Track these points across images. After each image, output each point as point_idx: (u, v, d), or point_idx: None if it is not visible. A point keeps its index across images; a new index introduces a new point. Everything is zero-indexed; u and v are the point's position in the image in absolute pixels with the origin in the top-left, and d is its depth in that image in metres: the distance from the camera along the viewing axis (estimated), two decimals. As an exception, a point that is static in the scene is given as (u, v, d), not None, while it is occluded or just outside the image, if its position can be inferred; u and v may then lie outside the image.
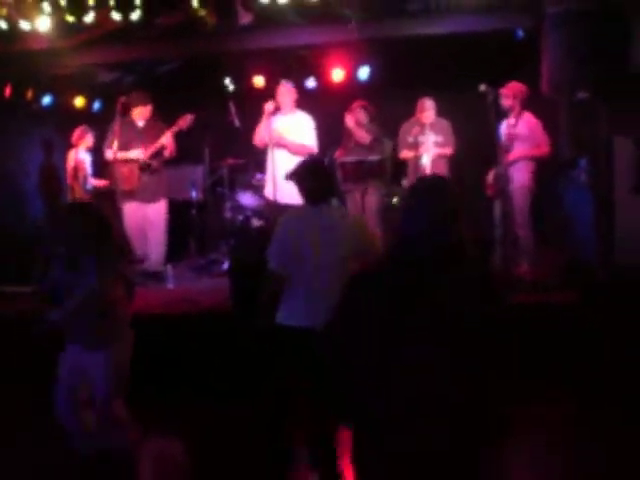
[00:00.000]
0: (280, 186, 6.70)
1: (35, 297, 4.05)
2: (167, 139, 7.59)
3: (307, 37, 7.12)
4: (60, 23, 6.46)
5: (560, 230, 7.51)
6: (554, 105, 7.29)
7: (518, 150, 6.82)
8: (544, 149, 6.89)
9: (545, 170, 7.34)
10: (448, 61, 7.93)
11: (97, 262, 3.93)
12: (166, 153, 7.69)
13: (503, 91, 6.81)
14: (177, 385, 5.82)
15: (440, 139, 7.45)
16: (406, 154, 7.64)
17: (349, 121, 7.54)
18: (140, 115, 7.68)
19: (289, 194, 6.74)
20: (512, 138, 6.82)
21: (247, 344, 5.85)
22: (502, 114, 6.92)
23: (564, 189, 7.82)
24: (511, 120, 6.87)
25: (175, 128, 7.58)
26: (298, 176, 4.24)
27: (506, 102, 6.82)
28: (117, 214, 7.67)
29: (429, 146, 7.42)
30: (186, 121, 7.58)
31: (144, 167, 7.56)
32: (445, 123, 7.55)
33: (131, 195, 7.56)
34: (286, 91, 7.04)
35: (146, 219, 7.71)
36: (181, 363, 5.96)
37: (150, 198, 7.69)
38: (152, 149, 7.57)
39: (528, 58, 7.02)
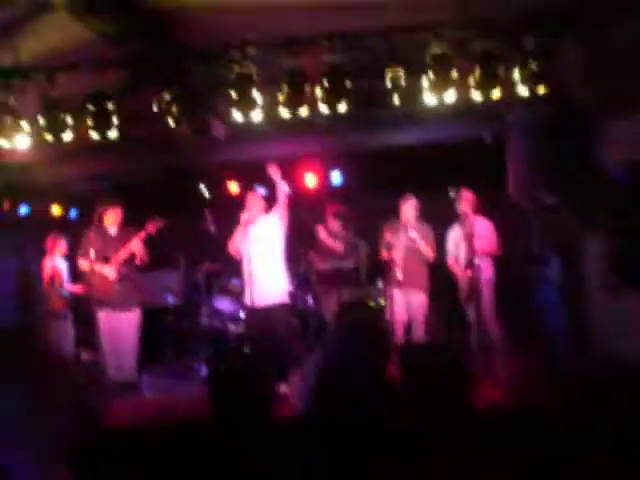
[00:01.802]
0: (257, 291, 6.78)
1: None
2: (136, 245, 7.60)
3: (280, 148, 7.29)
4: (38, 141, 6.56)
5: (531, 326, 7.62)
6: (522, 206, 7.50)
7: (477, 246, 7.00)
8: (494, 248, 7.22)
9: (514, 266, 7.50)
10: (418, 166, 8.13)
11: None
12: (137, 260, 7.69)
13: (460, 196, 7.06)
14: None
15: (424, 243, 7.43)
16: (387, 255, 7.50)
17: (321, 233, 7.69)
18: (111, 221, 7.72)
19: (265, 298, 6.84)
20: (468, 238, 7.00)
21: (229, 453, 5.81)
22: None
23: (535, 286, 7.96)
24: (463, 224, 7.08)
25: (143, 233, 7.60)
26: None
27: (463, 207, 7.05)
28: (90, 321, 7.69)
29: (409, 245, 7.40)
30: (154, 225, 7.62)
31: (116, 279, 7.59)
32: (428, 229, 7.54)
33: (105, 303, 7.56)
34: (254, 199, 7.19)
35: (120, 328, 7.64)
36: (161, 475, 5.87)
37: (123, 306, 7.66)
38: (122, 256, 7.59)
39: (497, 160, 7.23)
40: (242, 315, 7.93)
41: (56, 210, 9.36)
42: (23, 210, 8.82)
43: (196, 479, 5.69)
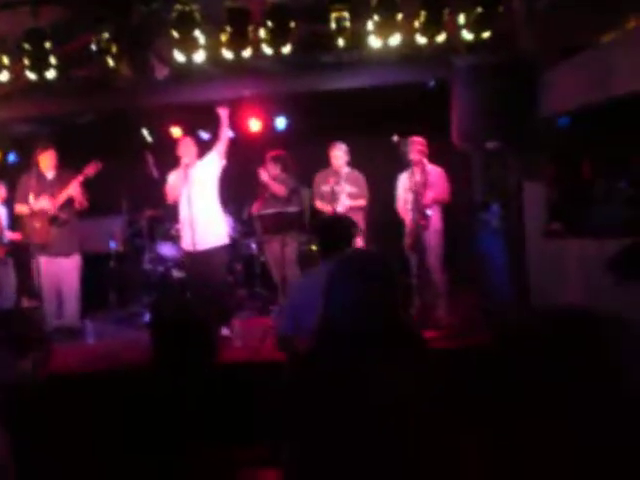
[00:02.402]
0: (197, 234, 6.76)
1: None
2: (74, 189, 7.45)
3: (223, 91, 7.16)
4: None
5: (474, 273, 7.74)
6: (465, 153, 7.55)
7: (429, 196, 7.03)
8: (447, 196, 7.19)
9: (458, 214, 7.58)
10: (363, 112, 8.12)
11: None
12: (76, 204, 7.57)
13: (413, 144, 7.07)
14: (97, 444, 5.74)
15: (354, 190, 7.50)
16: (321, 205, 7.63)
17: (263, 175, 7.64)
18: (47, 164, 7.56)
19: (206, 241, 6.82)
20: (419, 186, 7.04)
21: (168, 399, 5.83)
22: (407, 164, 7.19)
23: (477, 233, 8.07)
24: (416, 170, 7.10)
25: (81, 177, 7.45)
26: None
27: (412, 155, 7.06)
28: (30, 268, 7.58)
29: (343, 198, 7.44)
30: (93, 168, 7.47)
31: (53, 220, 7.45)
32: (359, 175, 7.60)
33: (43, 249, 7.44)
34: (187, 144, 7.10)
35: (59, 273, 7.57)
36: (101, 422, 5.87)
37: (63, 252, 7.56)
38: (60, 200, 7.47)
39: (440, 107, 7.25)
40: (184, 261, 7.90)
41: (-7, 154, 9.13)
42: (-41, 154, 8.60)
43: (139, 425, 5.75)
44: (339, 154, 7.46)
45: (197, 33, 5.79)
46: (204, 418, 5.46)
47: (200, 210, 6.86)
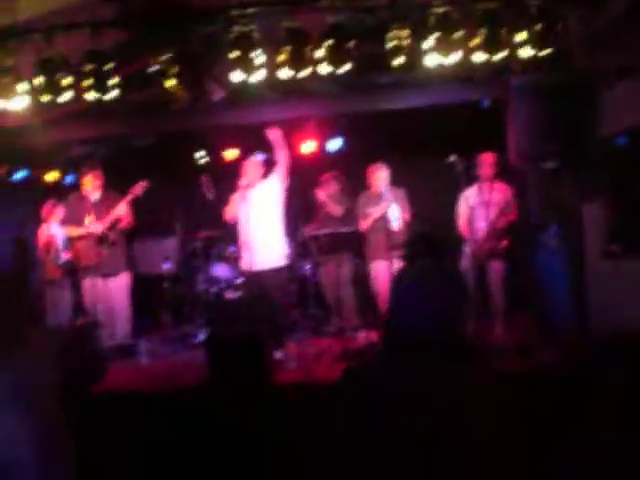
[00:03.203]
0: (256, 255, 6.77)
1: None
2: (122, 209, 7.58)
3: (278, 112, 7.22)
4: (35, 102, 6.49)
5: (531, 294, 7.61)
6: (521, 175, 7.47)
7: (509, 219, 6.95)
8: (514, 216, 7.05)
9: (516, 235, 7.48)
10: (417, 132, 8.08)
11: None
12: (122, 224, 7.68)
13: (481, 160, 7.01)
14: (153, 463, 5.74)
15: (400, 207, 7.36)
16: (364, 225, 7.49)
17: (320, 195, 7.64)
18: (92, 184, 7.69)
19: (264, 261, 6.82)
20: (487, 205, 6.96)
21: (225, 417, 5.82)
22: (469, 183, 7.12)
23: (535, 254, 7.95)
24: (482, 188, 7.02)
25: (129, 197, 7.59)
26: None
27: (483, 170, 6.99)
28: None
29: (393, 220, 7.28)
30: (141, 188, 7.60)
31: (102, 240, 7.55)
32: (401, 192, 7.49)
33: (93, 270, 7.54)
34: (252, 165, 7.11)
35: (110, 293, 7.69)
36: (157, 440, 5.88)
37: (111, 272, 7.68)
38: (108, 221, 7.57)
39: (495, 127, 7.19)
40: (239, 282, 7.91)
41: (52, 175, 9.28)
42: (19, 175, 8.73)
43: (193, 443, 5.75)
44: (382, 175, 7.41)
45: (255, 53, 5.82)
46: (258, 437, 5.46)
47: (259, 231, 6.88)
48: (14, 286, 3.82)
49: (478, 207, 7.17)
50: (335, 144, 8.86)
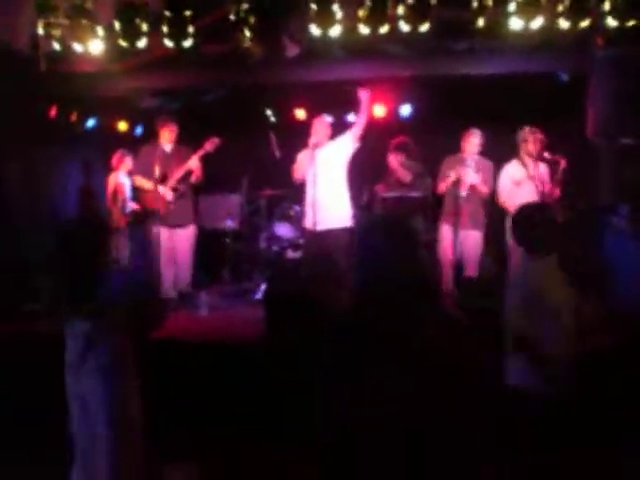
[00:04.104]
0: (321, 214, 6.73)
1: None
2: (194, 163, 7.60)
3: (352, 72, 7.12)
4: (112, 47, 6.54)
5: (599, 277, 7.43)
6: (595, 149, 7.28)
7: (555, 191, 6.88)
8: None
9: (583, 214, 7.31)
10: (492, 101, 7.92)
11: None
12: (193, 178, 7.71)
13: (530, 135, 6.93)
14: (208, 414, 5.79)
15: (479, 177, 7.26)
16: (442, 187, 7.44)
17: (392, 161, 7.57)
18: (167, 138, 7.72)
19: (328, 221, 6.78)
20: (534, 180, 6.96)
21: (281, 374, 5.84)
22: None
23: (604, 235, 7.76)
24: (527, 163, 7.01)
25: (201, 152, 7.59)
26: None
27: (533, 146, 6.93)
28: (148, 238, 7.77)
29: (467, 181, 7.23)
30: (213, 144, 7.59)
31: (172, 192, 7.61)
32: (487, 163, 7.38)
33: (162, 219, 7.59)
34: (321, 124, 7.04)
35: (175, 243, 7.76)
36: (213, 391, 5.93)
37: (178, 223, 7.74)
38: (179, 174, 7.61)
39: (572, 101, 7.01)
40: (301, 241, 7.89)
41: (122, 126, 9.35)
42: (90, 123, 8.81)
43: (248, 397, 5.79)
44: (475, 140, 7.30)
45: (335, 7, 5.76)
46: (313, 393, 5.47)
47: (325, 190, 6.81)
48: (82, 233, 3.86)
49: (525, 182, 7.08)
50: (407, 109, 8.74)
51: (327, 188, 6.83)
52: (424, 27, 5.82)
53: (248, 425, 5.67)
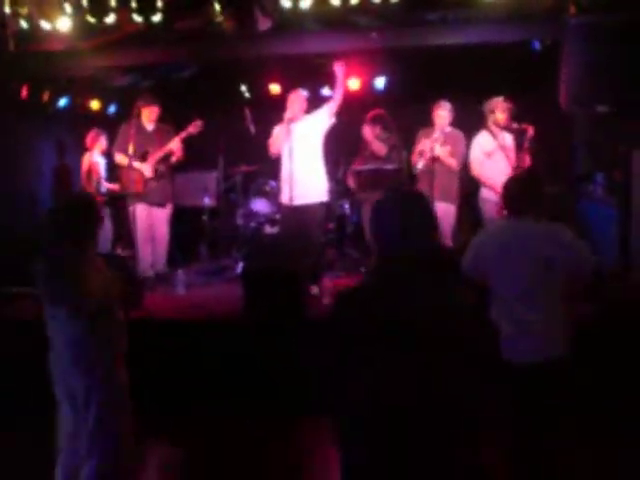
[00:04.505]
0: (297, 189, 6.70)
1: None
2: (175, 144, 7.60)
3: (325, 45, 7.06)
4: (80, 24, 6.45)
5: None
6: (570, 118, 7.28)
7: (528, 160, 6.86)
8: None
9: (559, 183, 7.32)
10: (465, 72, 7.90)
11: None
12: (173, 158, 7.70)
13: (498, 105, 6.92)
14: (186, 392, 5.79)
15: (448, 149, 7.23)
16: (414, 160, 7.39)
17: (367, 133, 7.53)
18: (148, 117, 7.68)
19: (305, 196, 6.75)
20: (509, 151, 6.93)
21: (258, 349, 5.84)
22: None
23: (580, 203, 7.80)
24: (495, 133, 6.99)
25: (184, 134, 7.60)
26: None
27: (501, 116, 6.92)
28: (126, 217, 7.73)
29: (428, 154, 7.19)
30: (196, 127, 7.59)
31: (152, 172, 7.56)
32: (458, 134, 7.35)
33: (140, 198, 7.55)
34: (297, 98, 6.98)
35: (153, 222, 7.74)
36: (192, 369, 5.93)
37: (157, 201, 7.72)
38: (159, 154, 7.58)
39: (546, 70, 7.00)
40: (278, 217, 7.87)
41: (95, 104, 9.26)
42: (62, 102, 8.70)
43: (228, 373, 5.79)
44: (443, 113, 7.25)
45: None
46: (292, 368, 5.46)
47: (301, 165, 6.77)
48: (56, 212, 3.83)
49: (495, 152, 7.03)
50: (381, 82, 8.70)
51: (303, 162, 6.79)
52: (394, -3, 5.77)
53: (228, 401, 5.68)
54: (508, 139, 7.02)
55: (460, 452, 2.34)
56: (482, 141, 7.12)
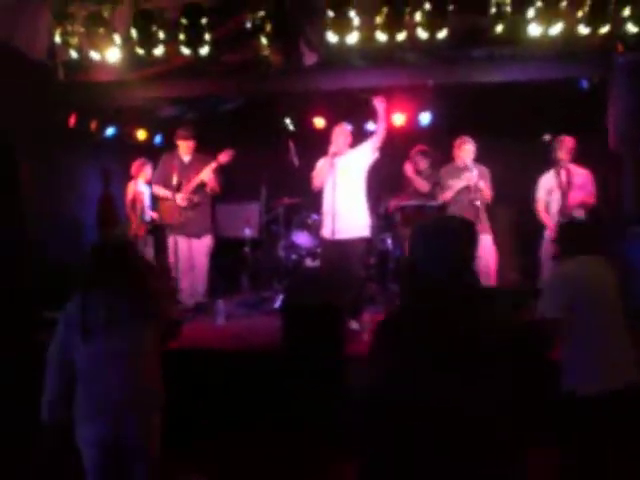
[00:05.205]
0: (339, 223, 6.68)
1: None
2: (206, 175, 7.62)
3: (370, 80, 7.09)
4: (129, 56, 6.55)
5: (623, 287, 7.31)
6: (617, 159, 7.18)
7: (576, 197, 6.74)
8: (593, 199, 6.86)
9: (608, 224, 7.20)
10: (511, 109, 7.86)
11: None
12: (207, 189, 7.72)
13: (565, 143, 6.79)
14: (223, 422, 5.77)
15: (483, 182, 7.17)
16: (447, 196, 7.35)
17: (408, 170, 7.53)
18: (185, 149, 7.76)
19: (347, 230, 6.72)
20: (567, 187, 6.75)
21: (298, 383, 5.80)
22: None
23: (629, 245, 7.65)
24: (560, 172, 6.82)
25: (214, 164, 7.61)
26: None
27: (563, 154, 6.79)
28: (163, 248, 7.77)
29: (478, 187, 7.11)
30: (227, 156, 7.60)
31: (187, 204, 7.62)
32: (485, 169, 7.29)
33: (176, 229, 7.61)
34: (341, 132, 6.97)
35: (192, 253, 7.78)
36: (230, 400, 5.90)
37: (195, 233, 7.75)
38: (193, 185, 7.62)
39: (593, 110, 6.93)
40: (319, 250, 7.85)
41: (141, 134, 9.38)
42: (109, 131, 8.82)
43: (264, 406, 5.75)
44: (470, 148, 7.22)
45: (352, 14, 5.72)
46: (329, 403, 5.41)
47: (343, 199, 6.75)
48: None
49: (556, 190, 6.96)
50: (426, 117, 8.69)
51: (346, 197, 6.77)
52: (442, 34, 5.76)
53: (266, 432, 5.64)
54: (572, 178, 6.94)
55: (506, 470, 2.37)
56: (545, 180, 7.08)
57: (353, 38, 5.89)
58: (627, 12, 5.78)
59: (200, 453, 5.46)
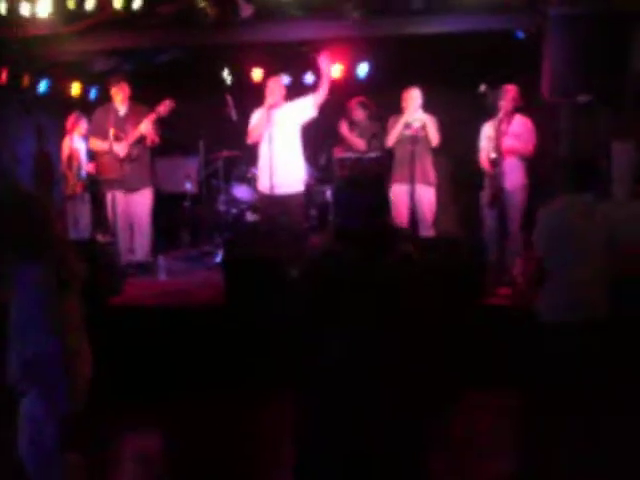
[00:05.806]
0: (277, 178, 6.67)
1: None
2: (145, 127, 7.40)
3: (307, 32, 7.04)
4: (60, 9, 6.39)
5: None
6: (552, 108, 7.29)
7: (507, 144, 6.78)
8: (531, 150, 6.87)
9: (545, 170, 7.34)
10: (448, 60, 7.91)
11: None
12: (147, 141, 7.55)
13: (506, 92, 6.81)
14: (167, 378, 5.79)
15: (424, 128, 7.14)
16: (391, 139, 7.32)
17: (343, 128, 7.55)
18: (120, 99, 7.54)
19: (285, 185, 6.73)
20: (502, 136, 6.80)
21: (240, 336, 5.85)
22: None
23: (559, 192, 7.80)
24: (501, 120, 6.85)
25: (153, 115, 7.40)
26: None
27: (506, 103, 6.80)
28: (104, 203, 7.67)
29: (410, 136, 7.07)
30: (165, 107, 7.40)
31: (125, 156, 7.45)
32: (433, 117, 7.29)
33: (116, 184, 7.44)
34: (276, 84, 6.92)
35: (131, 208, 7.64)
36: (172, 355, 5.93)
37: (134, 187, 7.57)
38: (132, 138, 7.45)
39: (528, 60, 7.00)
40: (259, 204, 7.84)
41: (75, 88, 9.15)
42: (42, 86, 8.59)
43: (208, 360, 5.80)
44: (414, 94, 7.21)
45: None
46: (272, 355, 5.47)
47: (280, 153, 6.73)
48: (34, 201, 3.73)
49: (492, 139, 6.96)
50: (363, 69, 8.67)
51: (283, 150, 6.75)
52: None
53: (208, 389, 5.69)
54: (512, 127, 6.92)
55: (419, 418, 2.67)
56: (486, 129, 7.04)
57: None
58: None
59: (144, 409, 5.48)
